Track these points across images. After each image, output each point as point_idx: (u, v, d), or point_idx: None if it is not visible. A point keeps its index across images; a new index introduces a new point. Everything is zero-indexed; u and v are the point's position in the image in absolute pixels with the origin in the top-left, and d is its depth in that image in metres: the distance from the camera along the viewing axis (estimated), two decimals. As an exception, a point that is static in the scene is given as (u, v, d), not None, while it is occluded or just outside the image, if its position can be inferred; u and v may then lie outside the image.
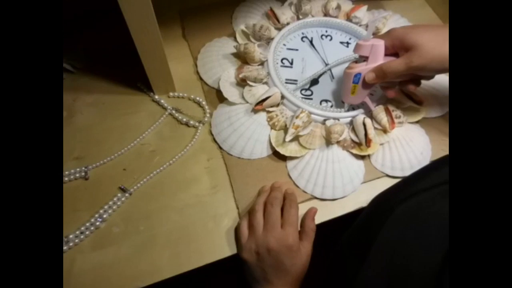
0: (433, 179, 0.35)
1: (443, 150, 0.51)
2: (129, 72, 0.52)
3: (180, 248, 0.43)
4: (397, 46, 0.43)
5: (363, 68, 0.44)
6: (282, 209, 0.44)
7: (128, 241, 0.43)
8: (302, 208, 0.46)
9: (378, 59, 0.43)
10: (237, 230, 0.43)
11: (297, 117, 0.46)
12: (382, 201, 0.38)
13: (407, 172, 0.48)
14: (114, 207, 0.45)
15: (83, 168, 0.46)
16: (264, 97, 0.48)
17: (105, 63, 0.55)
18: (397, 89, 0.49)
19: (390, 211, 0.34)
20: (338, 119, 0.49)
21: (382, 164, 0.48)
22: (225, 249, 0.43)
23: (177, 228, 0.44)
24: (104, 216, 0.44)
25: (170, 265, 0.42)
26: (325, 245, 0.45)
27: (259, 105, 0.48)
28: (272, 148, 0.48)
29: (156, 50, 0.44)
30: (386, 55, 0.44)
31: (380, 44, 0.43)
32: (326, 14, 0.59)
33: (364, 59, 0.44)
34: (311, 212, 0.44)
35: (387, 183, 0.48)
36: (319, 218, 0.45)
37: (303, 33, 0.58)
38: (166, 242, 0.43)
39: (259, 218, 0.42)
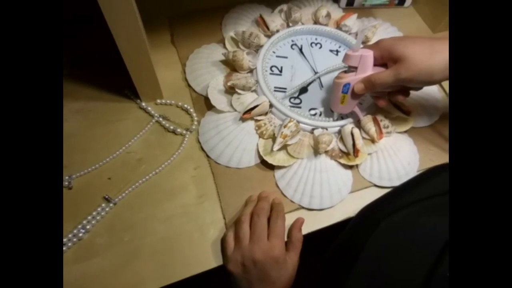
0: (417, 193, 0.35)
1: (431, 160, 0.51)
2: (116, 79, 0.51)
3: (166, 259, 0.42)
4: (385, 57, 0.43)
5: (352, 79, 0.44)
6: (268, 220, 0.43)
7: (112, 252, 0.42)
8: (290, 218, 0.45)
9: (367, 69, 0.44)
10: (223, 241, 0.43)
11: (285, 126, 0.46)
12: (368, 214, 0.38)
13: (395, 182, 0.48)
14: (98, 217, 0.44)
15: (67, 177, 0.45)
16: (252, 105, 0.47)
17: (92, 69, 0.54)
18: (386, 99, 0.49)
19: (376, 224, 0.34)
20: (327, 129, 0.48)
21: (370, 174, 0.48)
22: (211, 260, 0.43)
23: (163, 239, 0.44)
24: (88, 227, 0.43)
25: (155, 277, 0.41)
26: (312, 255, 0.45)
27: (247, 114, 0.48)
28: (260, 157, 0.48)
29: (142, 58, 0.44)
30: (375, 65, 0.44)
31: (369, 54, 0.43)
32: (316, 22, 0.58)
33: (353, 69, 0.44)
34: (298, 222, 0.44)
35: (375, 193, 0.48)
36: (306, 228, 0.45)
37: (292, 41, 0.58)
38: (151, 253, 0.43)
39: (245, 230, 0.41)
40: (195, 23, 0.60)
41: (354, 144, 0.46)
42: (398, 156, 0.49)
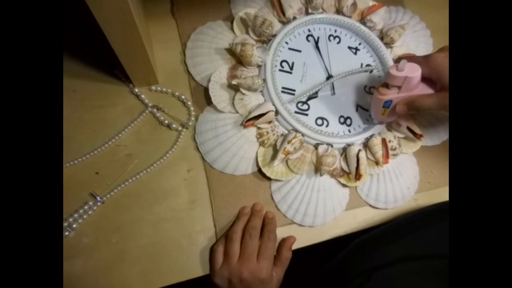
0: (407, 247, 0.35)
1: (429, 183, 0.50)
2: (106, 55, 0.45)
3: (152, 264, 0.42)
4: (434, 78, 0.39)
5: (394, 96, 0.41)
6: (260, 235, 0.43)
7: (98, 254, 0.42)
8: (281, 232, 0.45)
9: (412, 88, 0.40)
10: (211, 253, 0.43)
11: (289, 142, 0.43)
12: (357, 261, 0.38)
13: (390, 205, 0.48)
14: (85, 216, 0.42)
15: (50, 171, 0.42)
16: (256, 114, 0.43)
17: (78, 42, 0.47)
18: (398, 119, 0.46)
19: (368, 277, 0.34)
20: (332, 145, 0.46)
21: (367, 195, 0.47)
22: (198, 269, 0.43)
23: (150, 243, 0.43)
24: (74, 225, 0.41)
25: (140, 281, 0.42)
26: (297, 269, 0.46)
27: (250, 123, 0.44)
28: (258, 165, 0.45)
29: (130, 35, 0.35)
30: (422, 77, 0.40)
31: (415, 76, 0.39)
32: (339, 11, 0.51)
33: (395, 87, 0.41)
34: (289, 242, 0.44)
35: (368, 213, 0.48)
36: (296, 244, 0.45)
37: (309, 30, 0.51)
38: (138, 256, 0.42)
39: (236, 249, 0.41)
40: (200, -8, 0.51)
41: (357, 168, 0.44)
42: (399, 180, 0.48)
